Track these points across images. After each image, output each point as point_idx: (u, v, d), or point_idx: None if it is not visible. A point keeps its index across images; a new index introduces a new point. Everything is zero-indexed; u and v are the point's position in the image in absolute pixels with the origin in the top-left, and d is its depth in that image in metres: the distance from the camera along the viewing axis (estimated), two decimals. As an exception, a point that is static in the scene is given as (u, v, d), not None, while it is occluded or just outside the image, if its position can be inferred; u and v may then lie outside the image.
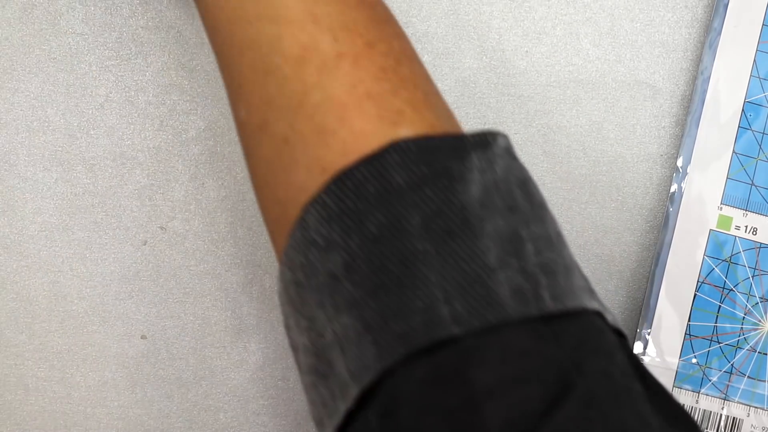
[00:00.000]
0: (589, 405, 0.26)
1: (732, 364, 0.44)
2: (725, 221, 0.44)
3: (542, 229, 0.29)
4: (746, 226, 0.44)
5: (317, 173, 0.29)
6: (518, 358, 0.26)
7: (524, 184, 0.30)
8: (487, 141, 0.30)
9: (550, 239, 0.29)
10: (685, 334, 0.44)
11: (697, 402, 0.44)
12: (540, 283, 0.28)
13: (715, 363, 0.44)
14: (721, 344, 0.44)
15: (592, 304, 0.29)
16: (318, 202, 0.29)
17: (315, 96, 0.30)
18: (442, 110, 0.32)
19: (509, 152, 0.30)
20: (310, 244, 0.29)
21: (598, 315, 0.29)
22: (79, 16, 0.44)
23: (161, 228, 0.45)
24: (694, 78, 0.45)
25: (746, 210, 0.44)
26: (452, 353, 0.26)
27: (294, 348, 0.31)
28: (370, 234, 0.28)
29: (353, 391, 0.27)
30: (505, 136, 0.31)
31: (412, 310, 0.27)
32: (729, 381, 0.44)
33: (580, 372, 0.26)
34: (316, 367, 0.29)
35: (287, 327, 0.31)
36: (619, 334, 0.30)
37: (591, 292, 0.30)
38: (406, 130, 0.30)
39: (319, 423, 0.30)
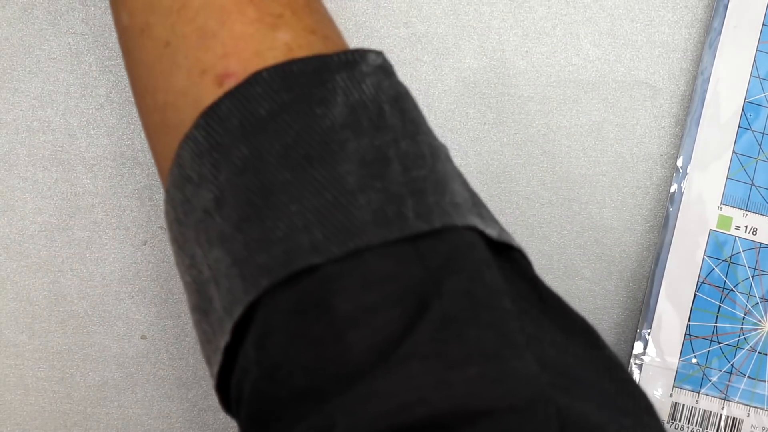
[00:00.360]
0: (443, 326, 0.25)
1: (732, 364, 0.44)
2: (725, 221, 0.44)
3: (413, 146, 0.29)
4: (746, 226, 0.44)
5: (196, 75, 0.29)
6: (379, 283, 0.26)
7: (396, 101, 0.29)
8: (354, 60, 0.29)
9: (422, 156, 0.29)
10: (685, 334, 0.44)
11: (697, 402, 0.44)
12: (405, 203, 0.27)
13: (715, 363, 0.44)
14: (721, 344, 0.44)
15: (468, 220, 0.28)
16: (190, 138, 0.29)
17: None
18: (323, 16, 0.32)
19: (383, 69, 0.30)
20: (185, 181, 0.29)
21: (475, 230, 0.28)
22: (79, 16, 0.44)
23: (161, 228, 0.46)
24: (694, 78, 0.45)
25: (746, 210, 0.44)
26: (314, 282, 0.26)
27: (185, 288, 0.31)
28: (235, 167, 0.28)
29: (227, 326, 0.27)
30: (378, 53, 0.30)
31: (273, 241, 0.27)
32: (729, 381, 0.44)
33: (438, 293, 0.26)
34: (198, 304, 0.30)
35: (177, 265, 0.32)
36: (504, 247, 0.29)
37: (473, 206, 0.29)
38: (285, 34, 0.30)
39: (207, 361, 0.30)
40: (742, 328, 0.44)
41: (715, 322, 0.44)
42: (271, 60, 0.29)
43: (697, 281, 0.44)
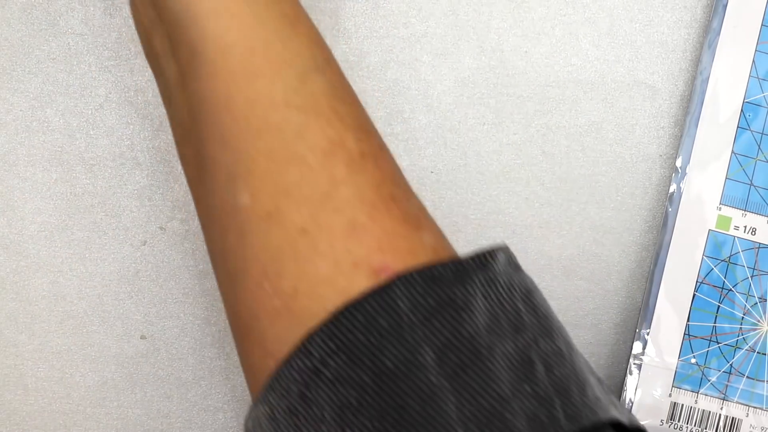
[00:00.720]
0: None
1: (731, 364, 0.44)
2: (724, 221, 0.44)
3: (551, 344, 0.29)
4: (745, 226, 0.44)
5: (347, 267, 0.29)
6: None
7: (528, 297, 0.30)
8: (487, 261, 0.30)
9: (561, 353, 0.30)
10: (684, 334, 0.44)
11: (696, 402, 0.44)
12: (554, 405, 0.28)
13: (714, 363, 0.44)
14: (720, 344, 0.44)
15: (609, 414, 0.29)
16: (324, 331, 0.28)
17: (344, 191, 0.30)
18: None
19: (511, 264, 0.31)
20: (313, 374, 0.28)
21: (615, 424, 0.29)
22: (78, 16, 0.45)
23: (161, 228, 0.46)
24: (693, 78, 0.45)
25: (745, 210, 0.44)
26: None
27: None
28: (385, 368, 0.28)
29: None
30: (504, 250, 0.31)
31: None
32: (728, 381, 0.44)
33: None
34: None
35: None
36: (638, 430, 0.31)
37: (606, 394, 0.30)
38: (428, 236, 0.30)
39: None
40: (741, 328, 0.44)
41: (714, 322, 0.44)
42: (423, 260, 0.30)
43: (696, 281, 0.44)
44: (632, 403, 0.44)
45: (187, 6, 0.32)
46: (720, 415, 0.44)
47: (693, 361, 0.44)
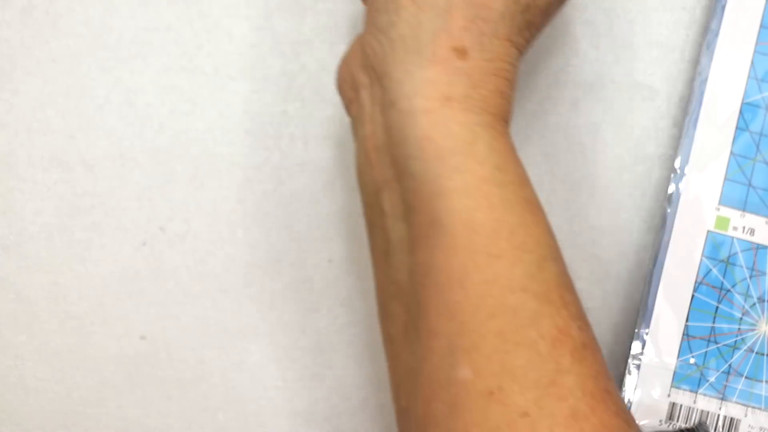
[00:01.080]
0: None
1: (729, 365, 0.44)
2: (723, 222, 0.44)
3: None
4: (744, 227, 0.44)
5: None
6: None
7: None
8: None
9: None
10: (683, 334, 0.44)
11: (694, 402, 0.44)
12: None
13: (712, 363, 0.44)
14: (718, 345, 0.44)
15: None
16: None
17: (569, 380, 0.31)
18: None
19: None
20: None
21: None
22: (78, 17, 0.45)
23: (160, 228, 0.46)
24: (692, 79, 0.45)
25: (744, 211, 0.44)
26: None
27: None
28: None
29: None
30: (703, 427, 0.32)
31: None
32: (726, 381, 0.44)
33: None
34: None
35: None
36: None
37: None
38: (634, 430, 0.31)
39: None
40: (739, 328, 0.44)
41: (713, 323, 0.44)
42: None
43: (695, 282, 0.44)
44: (631, 404, 0.44)
45: (438, 179, 0.32)
46: (719, 415, 0.44)
47: (692, 361, 0.44)
